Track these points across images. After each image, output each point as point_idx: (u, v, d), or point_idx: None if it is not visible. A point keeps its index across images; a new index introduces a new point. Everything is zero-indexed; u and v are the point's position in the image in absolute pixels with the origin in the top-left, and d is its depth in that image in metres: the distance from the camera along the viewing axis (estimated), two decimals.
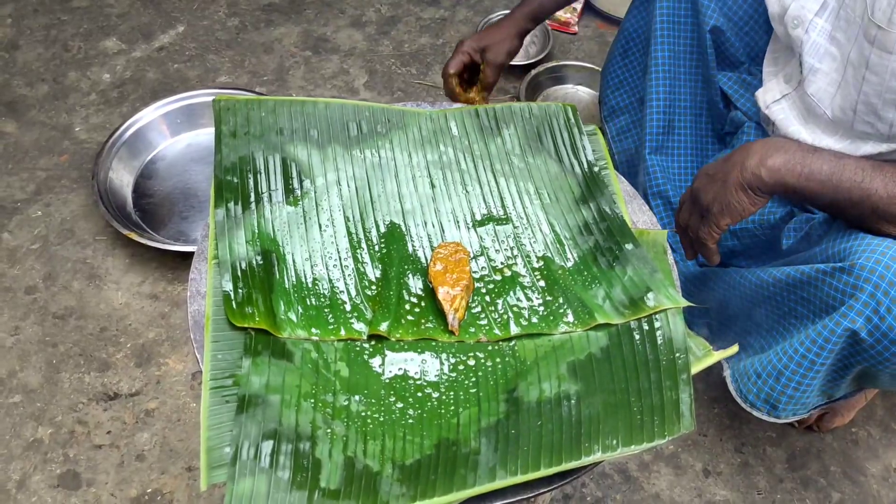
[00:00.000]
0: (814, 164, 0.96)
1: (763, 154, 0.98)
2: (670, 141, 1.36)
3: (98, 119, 1.78)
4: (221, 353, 0.88)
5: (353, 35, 1.97)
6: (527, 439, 0.83)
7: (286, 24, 1.99)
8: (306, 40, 1.96)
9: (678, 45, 1.31)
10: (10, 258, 1.57)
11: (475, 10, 2.02)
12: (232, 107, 1.09)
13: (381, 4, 2.04)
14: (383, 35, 1.97)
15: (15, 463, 1.33)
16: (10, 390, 1.40)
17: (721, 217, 1.03)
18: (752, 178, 0.98)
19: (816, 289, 0.97)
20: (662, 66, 1.33)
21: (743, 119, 1.29)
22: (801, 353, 0.97)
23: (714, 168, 1.04)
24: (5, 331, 1.47)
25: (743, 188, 0.99)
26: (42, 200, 1.65)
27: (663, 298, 0.92)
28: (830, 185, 0.95)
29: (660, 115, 1.36)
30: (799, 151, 0.97)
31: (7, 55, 1.90)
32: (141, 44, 1.94)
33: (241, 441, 0.81)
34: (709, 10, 1.27)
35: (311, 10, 2.02)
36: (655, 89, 1.34)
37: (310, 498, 0.78)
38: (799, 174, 0.96)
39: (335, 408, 0.86)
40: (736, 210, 1.01)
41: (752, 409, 1.04)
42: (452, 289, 0.94)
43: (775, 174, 0.97)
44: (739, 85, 1.31)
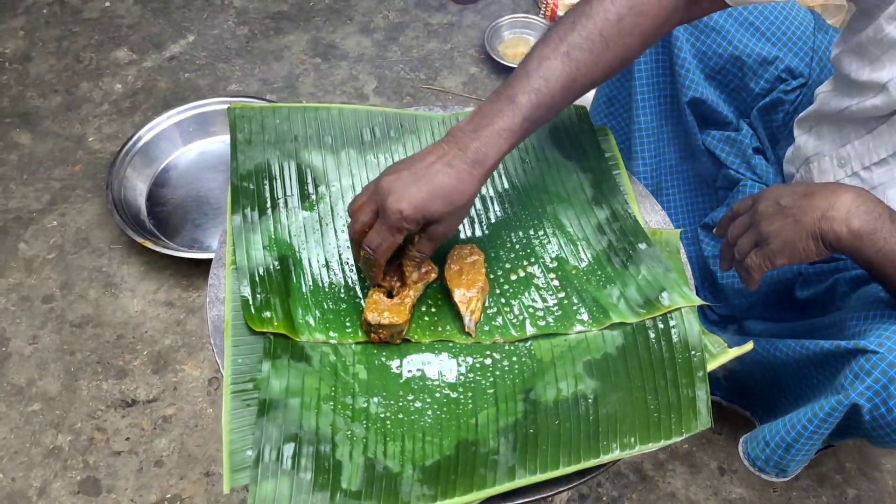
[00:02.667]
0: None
1: (850, 210, 0.89)
2: (660, 202, 1.35)
3: (111, 129, 1.80)
4: (241, 357, 0.89)
5: (362, 41, 1.99)
6: (545, 438, 0.84)
7: (295, 32, 2.01)
8: (315, 47, 1.97)
9: (660, 108, 1.29)
10: (26, 268, 1.59)
11: (482, 14, 2.03)
12: (247, 114, 1.10)
13: (388, 11, 2.05)
14: (391, 41, 1.98)
15: (36, 470, 1.34)
16: (29, 398, 1.42)
17: (779, 255, 0.94)
18: (831, 233, 0.89)
19: (834, 365, 0.94)
20: (646, 130, 1.30)
21: (737, 177, 1.27)
22: (811, 430, 0.94)
23: (789, 199, 0.94)
24: (24, 339, 1.49)
25: (815, 238, 0.91)
26: (57, 210, 1.67)
27: (677, 297, 0.93)
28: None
29: (648, 179, 1.34)
30: (888, 223, 0.88)
31: (20, 67, 1.92)
32: (152, 54, 1.96)
33: (263, 444, 0.82)
34: (686, 81, 1.25)
35: (320, 18, 2.04)
36: (641, 154, 1.31)
37: (332, 499, 0.79)
38: (879, 249, 0.88)
39: (354, 410, 0.87)
40: (798, 255, 0.93)
41: (761, 473, 1.03)
42: (468, 290, 0.95)
43: (856, 240, 0.88)
44: (725, 143, 1.29)
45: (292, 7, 2.07)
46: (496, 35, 1.94)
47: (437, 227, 0.87)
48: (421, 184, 0.84)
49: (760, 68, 1.26)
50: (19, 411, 1.41)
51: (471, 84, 1.88)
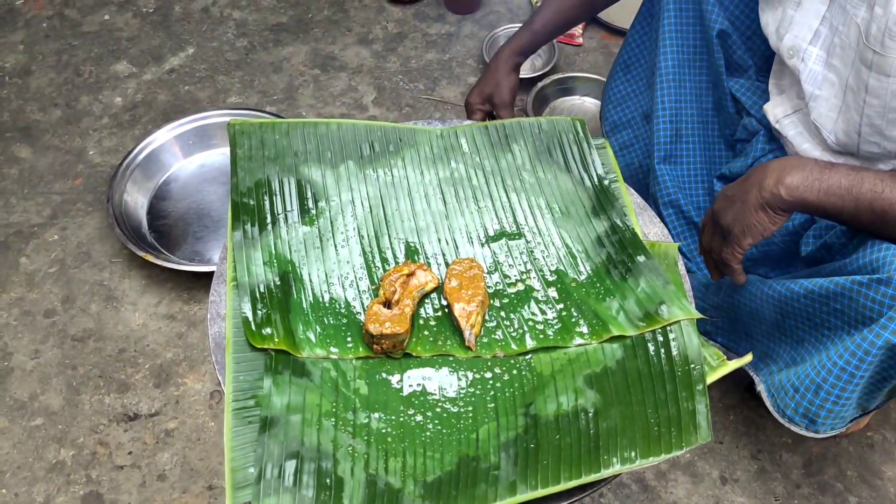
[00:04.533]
0: (831, 178, 0.96)
1: (780, 173, 0.98)
2: (678, 150, 1.37)
3: (111, 142, 1.80)
4: (243, 374, 0.89)
5: (361, 52, 1.99)
6: (546, 453, 0.84)
7: (294, 44, 2.01)
8: (314, 59, 1.98)
9: (684, 52, 1.31)
10: (28, 282, 1.59)
11: (480, 24, 2.04)
12: (246, 130, 1.10)
13: (387, 22, 2.06)
14: (390, 52, 1.99)
15: (39, 485, 1.34)
16: (31, 413, 1.42)
17: (743, 238, 1.03)
18: (771, 197, 0.98)
19: (852, 300, 0.96)
20: (667, 75, 1.33)
21: (757, 127, 1.28)
22: (840, 366, 0.96)
23: (733, 189, 1.04)
24: (26, 354, 1.49)
25: (763, 207, 1.00)
26: (58, 224, 1.67)
27: (676, 310, 0.93)
28: (850, 199, 0.95)
29: (667, 124, 1.36)
30: (816, 168, 0.97)
31: (20, 81, 1.92)
32: (151, 67, 1.97)
33: (265, 461, 0.82)
34: (713, 15, 1.28)
35: (319, 29, 2.04)
36: (661, 99, 1.34)
37: None
38: (818, 190, 0.96)
39: (356, 425, 0.87)
40: (757, 230, 1.02)
41: (791, 423, 1.04)
42: (468, 305, 0.95)
43: (794, 192, 0.97)
44: (752, 92, 1.31)
45: (291, 19, 2.07)
46: (494, 45, 1.95)
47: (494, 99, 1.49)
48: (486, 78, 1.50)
49: None
50: (22, 426, 1.41)
51: None
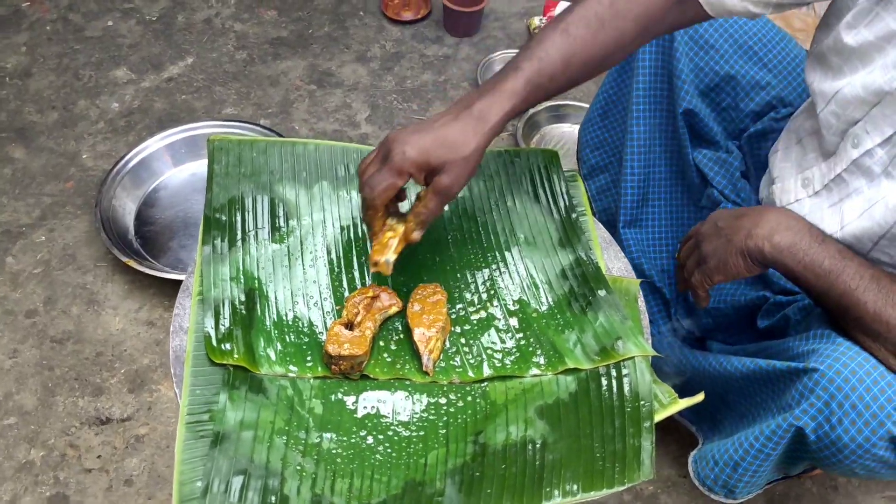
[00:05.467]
0: (817, 255, 0.94)
1: (773, 228, 0.97)
2: (644, 213, 1.36)
3: (105, 147, 1.83)
4: (200, 388, 0.91)
5: (358, 70, 2.02)
6: (490, 482, 0.85)
7: (293, 58, 2.04)
8: (312, 74, 2.00)
9: (655, 119, 1.31)
10: (12, 282, 1.61)
11: (478, 48, 2.06)
12: (225, 146, 1.12)
13: (385, 41, 2.09)
14: (387, 71, 2.01)
15: (6, 484, 1.36)
16: (5, 412, 1.44)
17: (715, 273, 1.02)
18: (755, 249, 0.97)
19: (781, 386, 0.96)
20: (638, 140, 1.33)
21: (720, 198, 1.28)
22: (757, 448, 0.96)
23: (725, 221, 1.03)
24: (4, 353, 1.51)
25: (743, 254, 0.98)
26: (46, 226, 1.70)
27: (632, 346, 0.95)
28: (825, 282, 0.93)
29: (634, 188, 1.36)
30: (807, 236, 0.95)
31: (20, 82, 1.95)
32: (150, 74, 1.99)
33: (213, 476, 0.83)
34: (682, 92, 1.28)
35: (318, 45, 2.07)
36: (630, 164, 1.34)
37: None
38: (799, 261, 0.95)
39: (307, 444, 0.89)
40: (730, 271, 1.00)
41: (710, 493, 1.05)
42: (428, 330, 0.96)
43: (777, 253, 0.96)
44: (715, 163, 1.30)
45: (291, 34, 2.10)
46: (489, 69, 1.97)
47: (441, 178, 0.90)
48: (426, 133, 0.90)
49: (753, 91, 1.29)
50: None
51: None
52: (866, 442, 0.87)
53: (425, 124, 0.92)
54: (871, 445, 0.87)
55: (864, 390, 0.87)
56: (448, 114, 0.92)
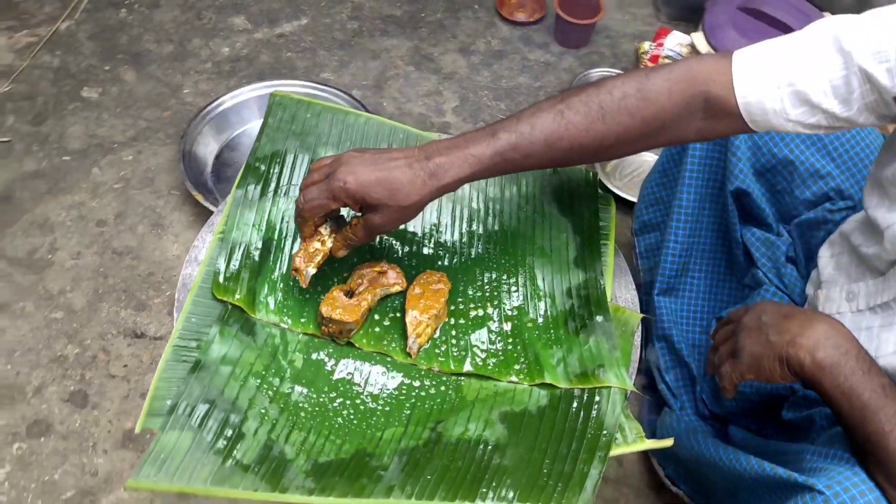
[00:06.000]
0: (858, 384, 0.86)
1: (819, 341, 0.89)
2: (682, 283, 1.32)
3: (206, 86, 1.93)
4: (196, 317, 0.97)
5: (458, 60, 2.05)
6: (433, 470, 0.87)
7: (399, 37, 2.09)
8: (413, 56, 2.05)
9: (706, 189, 1.27)
10: (93, 191, 1.73)
11: (581, 60, 2.06)
12: (284, 103, 1.18)
13: (492, 37, 2.11)
14: (485, 66, 2.04)
15: (39, 371, 1.47)
16: (55, 306, 1.55)
17: (748, 370, 0.96)
18: (795, 359, 0.89)
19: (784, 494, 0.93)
20: (686, 208, 1.29)
21: (763, 279, 1.23)
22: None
23: (769, 317, 0.95)
24: (69, 253, 1.63)
25: (781, 361, 0.91)
26: (136, 147, 1.81)
27: (612, 376, 0.95)
28: (859, 415, 0.86)
29: (676, 256, 1.32)
30: (853, 361, 0.87)
31: (147, 11, 2.09)
32: (265, 27, 2.09)
33: (183, 398, 0.89)
34: (735, 170, 1.23)
35: (426, 29, 2.12)
36: (675, 231, 1.30)
37: (222, 464, 0.85)
38: (839, 385, 0.87)
39: (278, 392, 0.93)
40: (763, 374, 0.94)
41: None
42: (421, 314, 0.99)
43: (818, 371, 0.88)
44: (762, 243, 1.26)
45: (405, 14, 2.15)
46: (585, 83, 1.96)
47: (374, 217, 0.90)
48: (375, 168, 0.88)
49: (811, 179, 1.24)
50: (44, 315, 1.54)
51: None
52: None
53: (380, 158, 0.90)
54: None
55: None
56: (405, 156, 0.90)
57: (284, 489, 0.84)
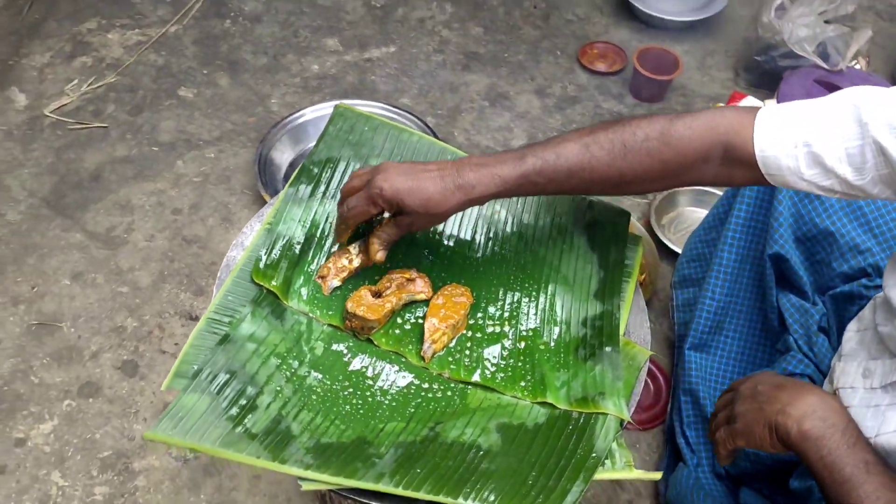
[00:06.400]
0: (841, 458, 0.89)
1: (807, 412, 0.92)
2: (715, 341, 1.34)
3: (292, 98, 2.06)
4: (232, 296, 1.05)
5: (532, 101, 2.12)
6: (424, 465, 0.92)
7: (479, 73, 2.18)
8: (490, 92, 2.14)
9: (748, 251, 1.30)
10: (174, 182, 1.86)
11: (652, 111, 2.10)
12: (346, 114, 1.27)
13: (569, 83, 2.18)
14: (559, 110, 2.10)
15: (98, 338, 1.59)
16: (123, 281, 1.68)
17: (740, 436, 1.00)
18: (783, 427, 0.93)
19: None
20: (726, 267, 1.31)
21: (792, 346, 1.25)
22: None
23: (764, 386, 1.00)
24: (143, 235, 1.76)
25: (771, 428, 0.95)
26: (219, 146, 1.94)
27: (611, 405, 0.98)
28: (840, 489, 0.88)
29: (710, 315, 1.33)
30: (839, 434, 0.90)
31: (249, 25, 2.24)
32: (355, 50, 2.21)
33: (207, 366, 0.97)
34: (776, 235, 1.26)
35: (506, 69, 2.20)
36: (713, 289, 1.32)
37: (232, 430, 0.92)
38: (822, 458, 0.90)
39: (295, 374, 1.00)
40: (754, 441, 0.98)
41: None
42: (440, 322, 1.05)
43: (803, 441, 0.91)
44: (797, 310, 1.27)
45: (488, 52, 2.25)
46: None
47: (405, 219, 0.99)
48: (409, 178, 0.96)
49: (850, 253, 1.25)
50: (111, 288, 1.67)
51: None
52: None
53: (414, 169, 0.97)
54: None
55: None
56: (438, 169, 0.96)
57: (284, 461, 0.90)
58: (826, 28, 2.04)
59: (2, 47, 2.12)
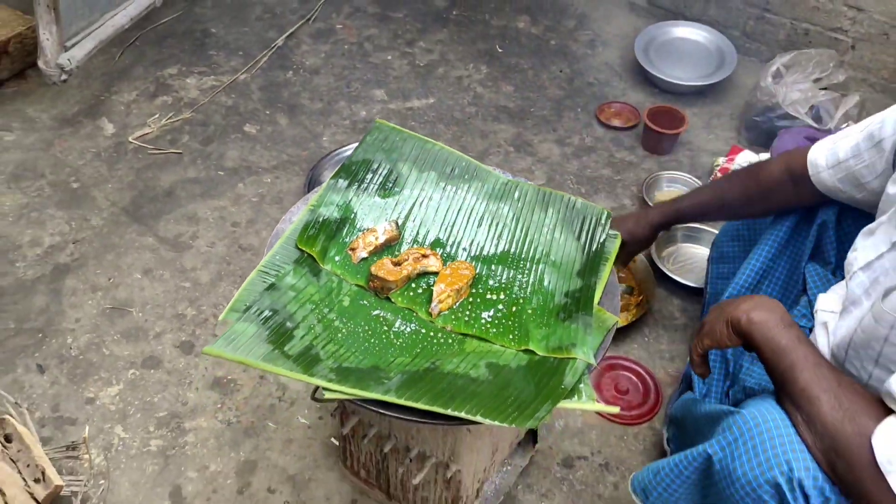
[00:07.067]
0: (779, 334, 1.09)
1: (754, 306, 1.13)
2: None
3: (341, 137, 2.35)
4: (279, 255, 1.30)
5: (553, 149, 2.38)
6: (423, 385, 1.13)
7: (507, 124, 2.46)
8: (515, 140, 2.40)
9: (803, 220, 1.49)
10: (235, 200, 2.15)
11: (661, 165, 2.33)
12: (383, 128, 1.53)
13: (587, 135, 2.43)
14: (576, 157, 2.36)
15: (162, 322, 1.85)
16: (186, 278, 1.94)
17: (705, 336, 1.20)
18: (735, 318, 1.13)
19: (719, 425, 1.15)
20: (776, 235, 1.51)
21: (805, 305, 1.44)
22: (675, 461, 1.14)
23: (727, 300, 1.24)
24: (206, 242, 2.03)
25: (727, 322, 1.15)
26: (275, 173, 2.23)
27: (580, 352, 1.19)
28: (777, 357, 1.09)
29: (753, 274, 1.51)
30: (778, 319, 1.11)
31: (308, 76, 2.57)
32: (398, 100, 2.51)
33: (256, 304, 1.21)
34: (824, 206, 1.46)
35: (532, 121, 2.47)
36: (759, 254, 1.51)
37: (272, 350, 1.15)
38: (763, 335, 1.10)
39: (325, 317, 1.24)
40: (715, 336, 1.17)
41: (633, 493, 1.23)
42: (446, 287, 1.28)
43: (749, 325, 1.12)
44: (820, 278, 1.45)
45: (516, 106, 2.52)
46: (655, 182, 2.24)
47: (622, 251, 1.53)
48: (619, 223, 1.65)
49: None
50: (175, 283, 1.93)
51: (618, 211, 2.19)
52: (754, 480, 1.01)
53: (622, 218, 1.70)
54: (757, 486, 1.01)
55: (767, 437, 1.03)
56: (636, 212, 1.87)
57: (312, 375, 1.13)
58: (818, 93, 2.28)
59: (96, 85, 2.47)
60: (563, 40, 2.77)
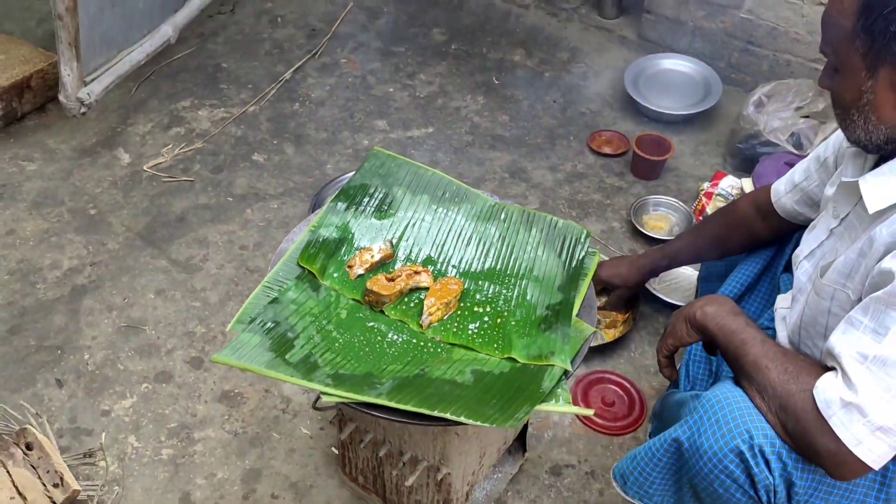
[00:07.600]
0: (729, 321, 1.22)
1: (707, 302, 1.28)
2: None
3: (344, 165, 2.48)
4: (282, 272, 1.41)
5: (546, 175, 2.50)
6: (411, 389, 1.24)
7: (502, 152, 2.58)
8: (510, 167, 2.52)
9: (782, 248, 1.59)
10: (243, 225, 2.27)
11: (649, 190, 2.44)
12: (380, 155, 1.65)
13: (579, 162, 2.55)
14: (568, 183, 2.47)
15: (173, 339, 1.96)
16: (196, 298, 2.06)
17: (668, 337, 1.33)
18: (691, 314, 1.28)
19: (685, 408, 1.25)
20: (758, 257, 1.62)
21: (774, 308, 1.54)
22: (648, 447, 1.24)
23: (687, 303, 1.34)
24: (215, 264, 2.15)
25: (685, 320, 1.29)
26: (281, 199, 2.35)
27: (558, 360, 1.30)
28: (729, 340, 1.21)
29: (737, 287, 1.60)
30: (727, 309, 1.25)
31: (314, 108, 2.70)
32: (399, 130, 2.64)
33: (260, 316, 1.32)
34: None
35: (525, 149, 2.59)
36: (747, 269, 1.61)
37: (274, 358, 1.26)
38: (716, 324, 1.23)
39: (324, 328, 1.34)
40: (676, 334, 1.31)
41: (613, 479, 1.32)
42: (436, 301, 1.39)
43: (703, 317, 1.26)
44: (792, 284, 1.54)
45: (511, 136, 2.64)
46: (642, 206, 2.34)
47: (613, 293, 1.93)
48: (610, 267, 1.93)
49: None
50: (186, 303, 2.05)
51: (608, 234, 2.30)
52: (720, 451, 1.11)
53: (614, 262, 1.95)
54: (723, 455, 1.11)
55: (728, 410, 1.13)
56: (629, 257, 1.99)
57: (311, 380, 1.23)
58: (798, 120, 2.39)
59: (113, 117, 2.61)
60: (556, 72, 2.90)
